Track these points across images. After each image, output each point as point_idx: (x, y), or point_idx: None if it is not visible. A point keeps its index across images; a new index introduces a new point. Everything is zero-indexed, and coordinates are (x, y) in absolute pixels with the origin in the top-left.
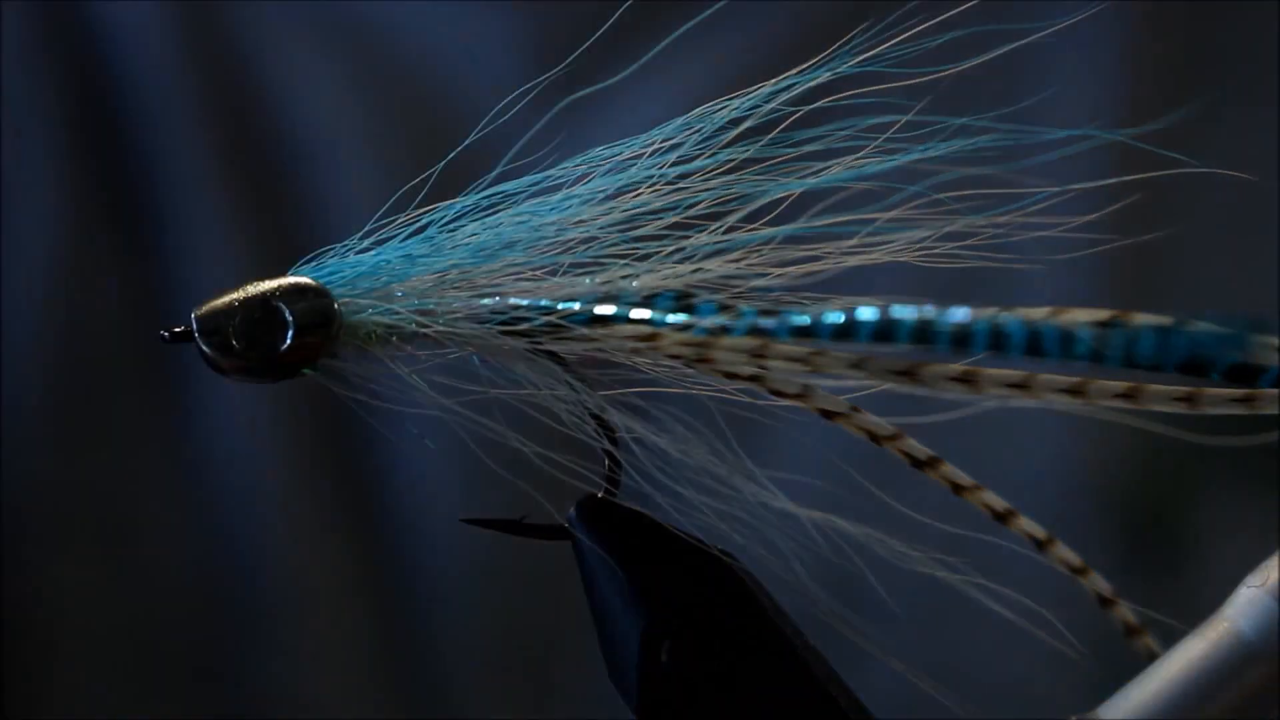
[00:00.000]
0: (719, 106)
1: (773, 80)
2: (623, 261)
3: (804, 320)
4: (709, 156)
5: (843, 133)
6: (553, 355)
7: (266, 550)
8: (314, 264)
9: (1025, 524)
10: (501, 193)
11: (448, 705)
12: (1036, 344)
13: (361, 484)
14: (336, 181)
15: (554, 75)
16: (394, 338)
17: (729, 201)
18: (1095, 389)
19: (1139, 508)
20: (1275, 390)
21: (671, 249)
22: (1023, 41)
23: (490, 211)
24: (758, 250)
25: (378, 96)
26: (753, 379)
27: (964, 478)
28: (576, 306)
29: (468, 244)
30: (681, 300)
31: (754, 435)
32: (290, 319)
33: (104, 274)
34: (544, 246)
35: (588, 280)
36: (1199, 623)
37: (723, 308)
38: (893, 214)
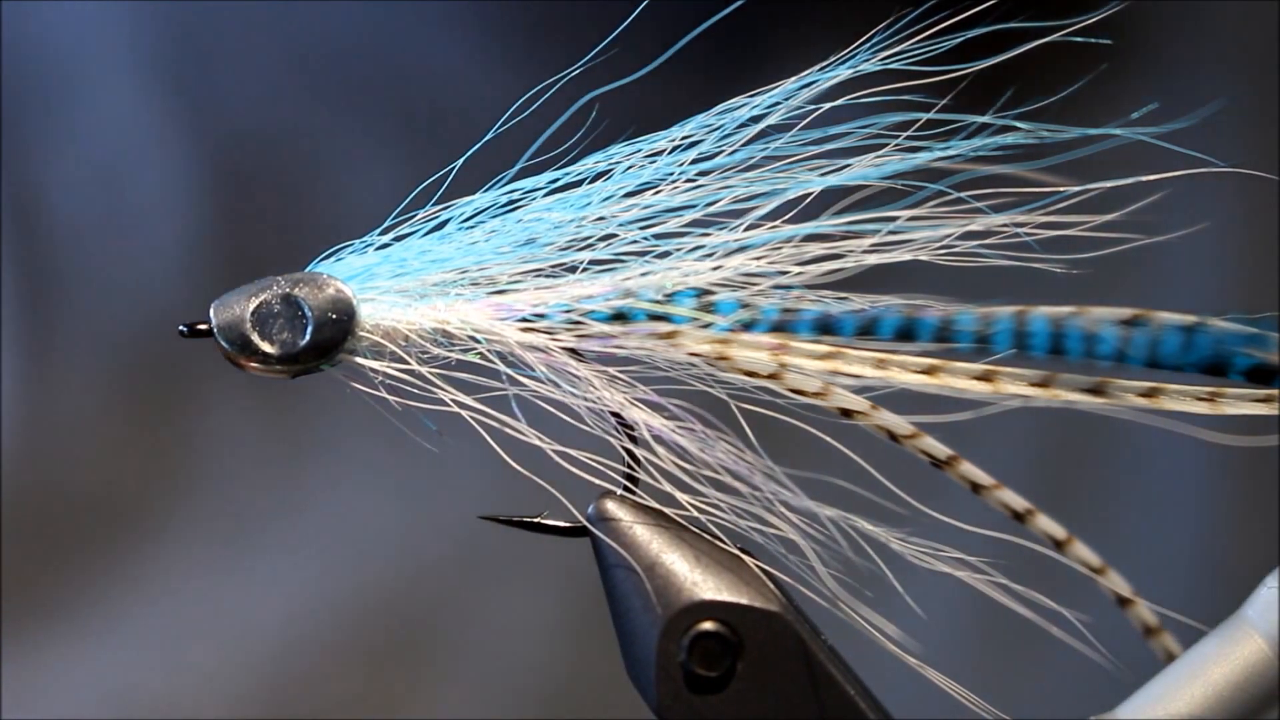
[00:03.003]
0: (739, 104)
1: (794, 77)
2: (643, 259)
3: (824, 318)
4: (729, 154)
5: (864, 130)
6: (572, 352)
7: None
8: (333, 259)
9: (1044, 523)
10: (521, 189)
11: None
12: (1060, 343)
13: None
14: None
15: (576, 70)
16: (412, 334)
17: (749, 199)
18: (1116, 389)
19: None
20: None
21: (692, 246)
22: (1042, 41)
23: (510, 208)
24: (778, 248)
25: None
26: (772, 377)
27: (983, 476)
28: (596, 304)
29: (487, 240)
30: (702, 298)
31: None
32: (309, 314)
33: None
34: (563, 243)
35: (607, 277)
36: (1217, 622)
37: (743, 305)
38: (914, 211)
